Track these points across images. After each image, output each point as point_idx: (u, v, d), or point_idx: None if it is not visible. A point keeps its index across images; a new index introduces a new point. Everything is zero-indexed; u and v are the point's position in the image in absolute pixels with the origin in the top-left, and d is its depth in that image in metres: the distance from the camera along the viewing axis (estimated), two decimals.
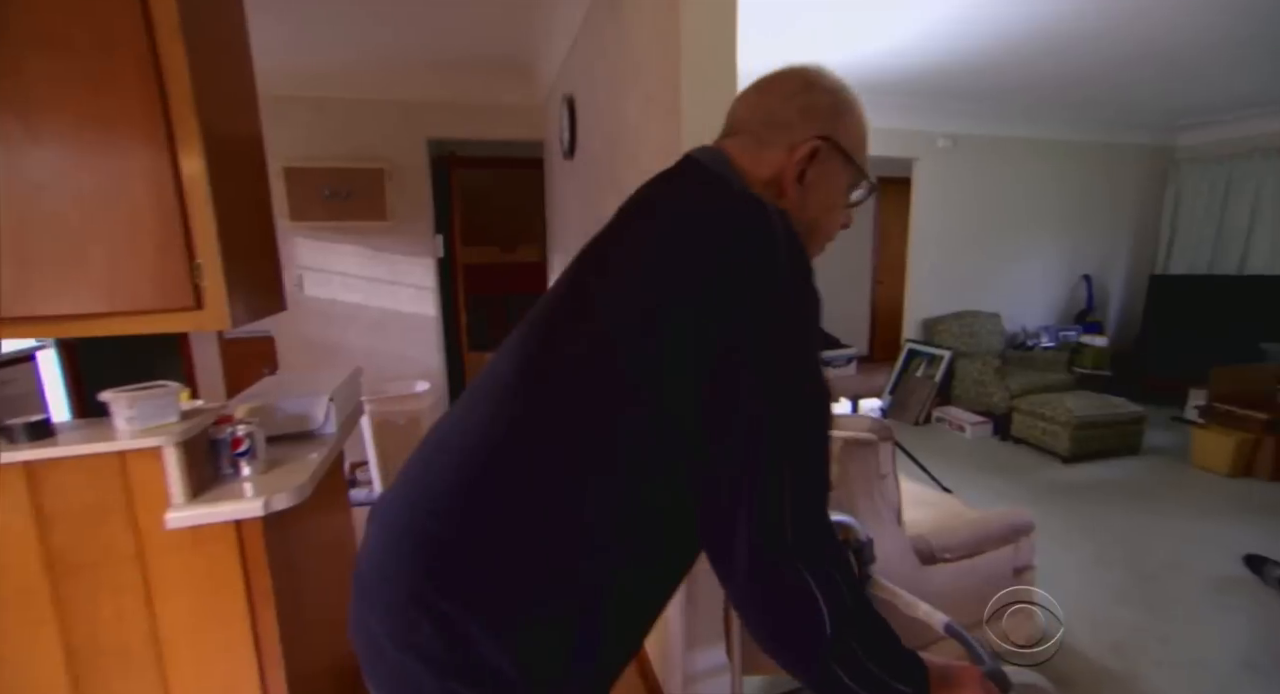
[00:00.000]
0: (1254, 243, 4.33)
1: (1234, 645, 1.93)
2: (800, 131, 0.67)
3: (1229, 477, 3.22)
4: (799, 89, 0.69)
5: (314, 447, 1.38)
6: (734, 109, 0.73)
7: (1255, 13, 2.45)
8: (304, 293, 3.12)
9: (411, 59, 2.81)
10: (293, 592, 1.23)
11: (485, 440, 0.58)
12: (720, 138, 0.73)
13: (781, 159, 0.67)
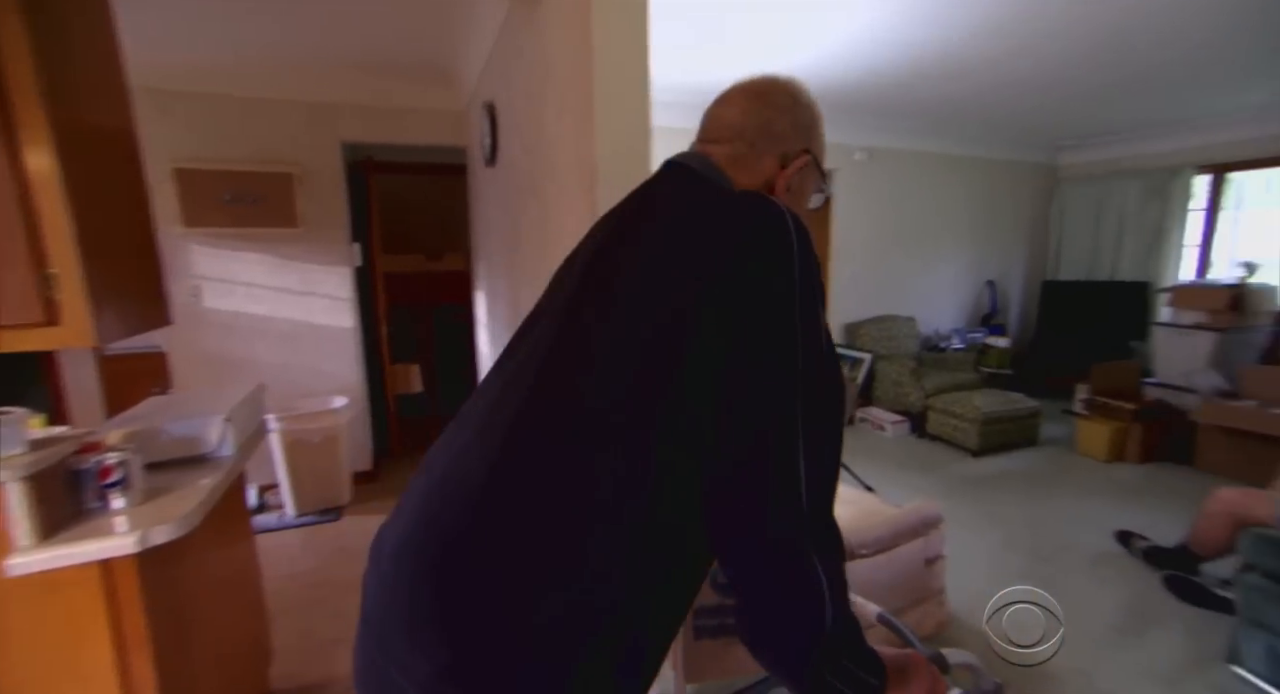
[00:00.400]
0: (1123, 252, 4.84)
1: (1106, 613, 2.14)
2: (791, 143, 0.73)
3: (1106, 462, 3.57)
4: (791, 103, 0.74)
5: (207, 471, 1.27)
6: (721, 114, 0.75)
7: (1115, 53, 2.75)
8: (202, 305, 2.87)
9: (321, 58, 2.66)
10: (177, 635, 1.12)
11: (505, 470, 0.57)
12: (703, 142, 0.76)
13: (772, 168, 0.72)
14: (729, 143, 0.73)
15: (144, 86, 2.50)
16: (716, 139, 0.74)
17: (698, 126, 0.78)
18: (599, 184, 1.45)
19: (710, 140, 0.74)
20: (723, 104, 0.76)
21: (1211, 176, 4.45)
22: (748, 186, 0.71)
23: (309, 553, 2.57)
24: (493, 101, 2.42)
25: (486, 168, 2.66)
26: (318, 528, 2.79)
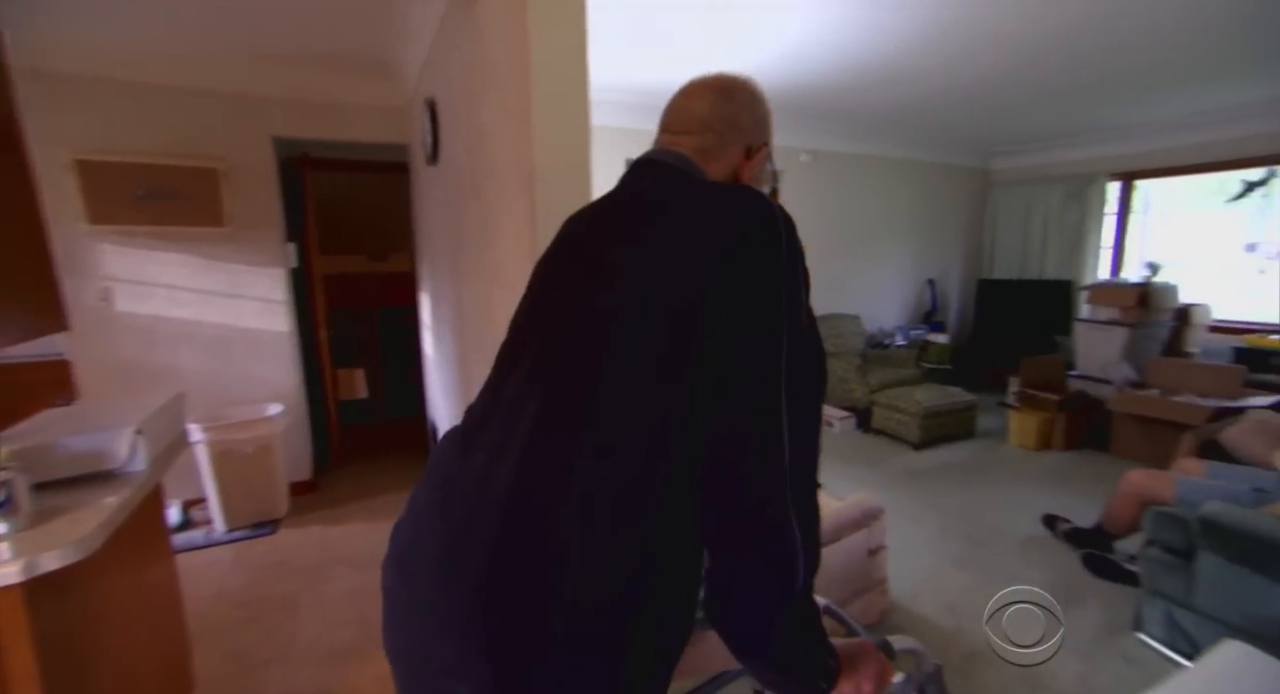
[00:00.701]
0: (1049, 253, 5.15)
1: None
2: (754, 136, 0.80)
3: (1035, 450, 3.79)
4: (750, 99, 0.80)
5: (114, 488, 1.18)
6: (688, 106, 0.79)
7: (1036, 70, 2.92)
8: (114, 308, 2.66)
9: (248, 48, 2.52)
10: (74, 669, 1.03)
11: (531, 474, 0.59)
12: (670, 133, 0.80)
13: (738, 158, 0.79)
14: (698, 134, 0.77)
15: (33, 68, 2.30)
16: (685, 130, 0.78)
17: (639, 127, 0.81)
18: (538, 184, 1.44)
19: (678, 132, 0.79)
20: (688, 97, 0.80)
21: (1121, 183, 4.79)
22: (717, 176, 0.77)
23: (241, 570, 2.44)
24: (434, 98, 2.36)
25: (429, 166, 2.59)
26: (251, 543, 2.65)
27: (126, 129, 2.59)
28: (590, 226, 0.77)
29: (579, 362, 0.63)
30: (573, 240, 0.78)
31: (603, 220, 0.75)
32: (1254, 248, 7.56)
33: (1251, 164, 4.20)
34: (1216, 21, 2.41)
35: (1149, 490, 2.29)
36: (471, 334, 2.15)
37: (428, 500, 0.69)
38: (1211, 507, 1.83)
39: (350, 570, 2.42)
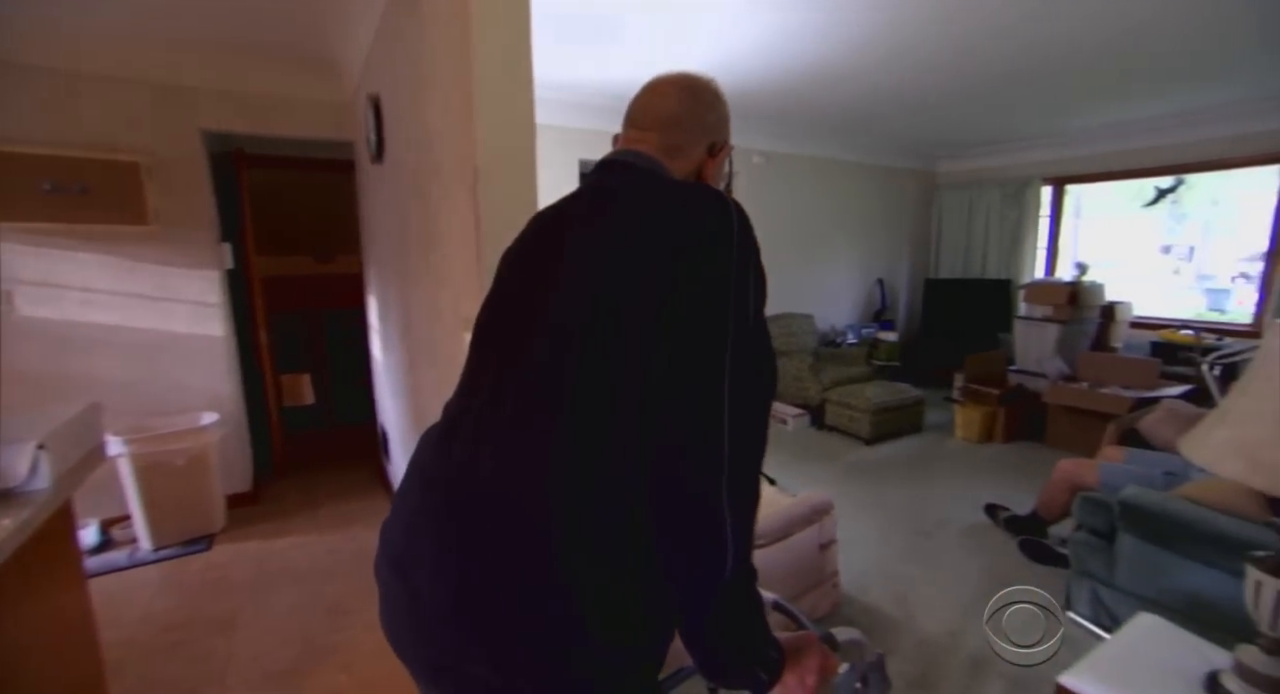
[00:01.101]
0: (990, 253, 5.40)
1: (974, 578, 2.37)
2: (718, 134, 0.83)
3: (979, 443, 3.97)
4: (714, 98, 0.83)
5: (11, 510, 1.09)
6: (656, 103, 0.82)
7: (972, 80, 3.05)
8: (17, 314, 2.44)
9: (172, 33, 2.35)
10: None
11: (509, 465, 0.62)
12: (637, 128, 0.82)
13: (702, 156, 0.82)
14: (665, 130, 0.80)
15: None
16: (652, 126, 0.80)
17: (591, 127, 0.81)
18: (482, 184, 1.41)
19: (645, 127, 0.81)
20: (656, 94, 0.83)
21: (1053, 187, 5.07)
22: (682, 172, 0.80)
23: (170, 591, 2.29)
24: (378, 95, 2.28)
25: (374, 165, 2.50)
26: (182, 561, 2.50)
27: (27, 118, 2.37)
28: (555, 224, 0.78)
29: (547, 358, 0.65)
30: (539, 237, 0.79)
31: (565, 218, 0.77)
32: (1169, 250, 8.15)
33: (1163, 172, 4.52)
34: (1131, 44, 2.58)
35: (1077, 478, 2.42)
36: (419, 337, 2.09)
37: (411, 496, 0.71)
38: (1129, 491, 1.96)
39: (293, 585, 2.32)
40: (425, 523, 0.66)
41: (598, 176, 0.80)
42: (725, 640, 0.62)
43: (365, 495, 3.15)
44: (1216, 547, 1.70)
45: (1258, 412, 1.09)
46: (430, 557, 0.64)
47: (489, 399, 0.68)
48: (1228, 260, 6.85)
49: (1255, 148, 3.89)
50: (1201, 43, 2.65)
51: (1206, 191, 6.89)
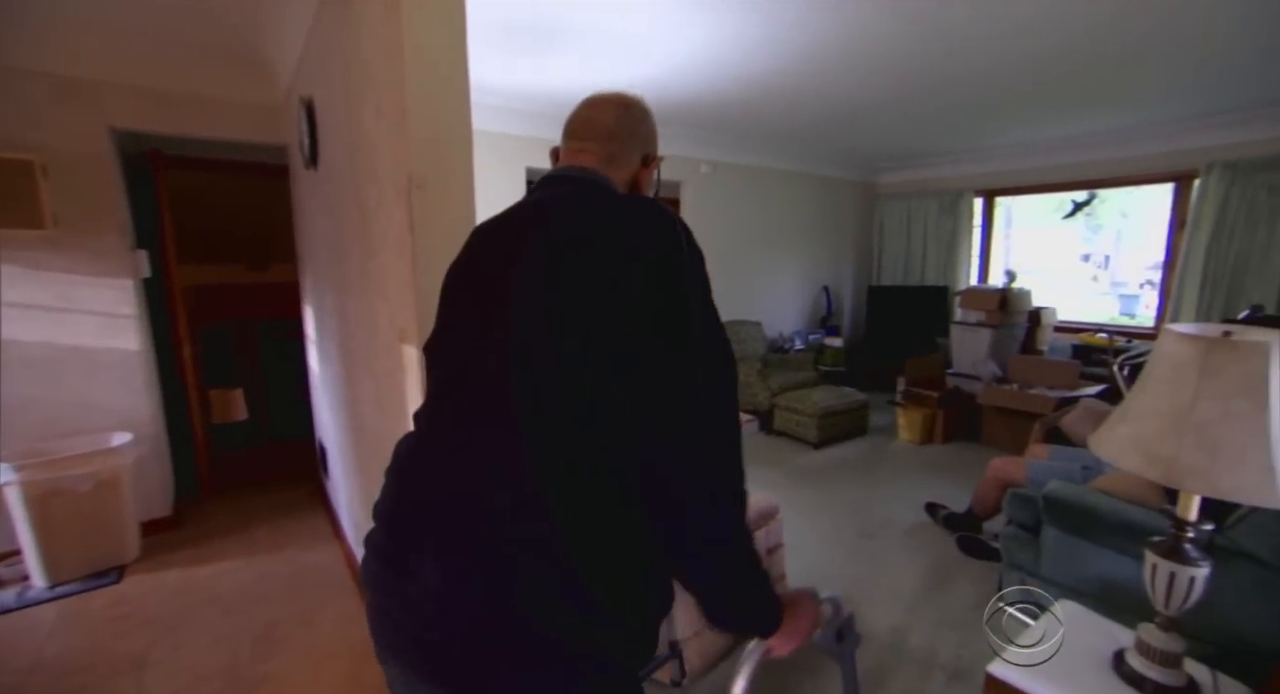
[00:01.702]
0: (928, 261, 5.66)
1: (916, 575, 2.46)
2: (650, 146, 0.91)
3: (919, 444, 4.13)
4: (645, 114, 0.91)
5: None
6: (596, 116, 0.89)
7: (912, 92, 3.21)
8: None
9: (74, 21, 2.18)
10: None
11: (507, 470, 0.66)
12: (578, 139, 0.88)
13: (636, 166, 0.90)
14: (605, 141, 0.87)
15: None
16: (593, 137, 0.87)
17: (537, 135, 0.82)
18: (416, 192, 1.38)
19: (586, 139, 0.88)
20: (594, 109, 0.90)
21: (983, 199, 5.37)
22: (620, 180, 0.87)
23: (69, 631, 2.09)
24: (310, 98, 2.20)
25: (308, 170, 2.41)
26: (85, 597, 2.28)
27: None
28: (504, 235, 0.81)
29: (510, 366, 0.69)
30: (487, 250, 0.82)
31: (516, 228, 0.80)
32: (1088, 258, 8.75)
33: (1079, 187, 4.86)
34: (1046, 68, 2.77)
35: (1007, 475, 2.56)
36: (357, 348, 2.02)
37: (391, 502, 0.76)
38: (1051, 486, 2.07)
39: (218, 615, 2.17)
40: (410, 530, 0.72)
41: (545, 190, 0.84)
42: (735, 599, 0.73)
43: (302, 515, 3.00)
44: (1124, 535, 1.83)
45: (1152, 409, 1.18)
46: (414, 562, 0.69)
47: (457, 409, 0.74)
48: (1137, 268, 7.43)
49: (1154, 167, 4.24)
50: (1105, 71, 2.87)
51: (1117, 205, 7.47)
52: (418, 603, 0.68)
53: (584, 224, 0.73)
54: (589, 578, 0.64)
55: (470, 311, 0.78)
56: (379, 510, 0.78)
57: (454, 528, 0.68)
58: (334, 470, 2.77)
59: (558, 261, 0.71)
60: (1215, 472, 1.05)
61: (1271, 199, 3.68)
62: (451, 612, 0.65)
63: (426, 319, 1.40)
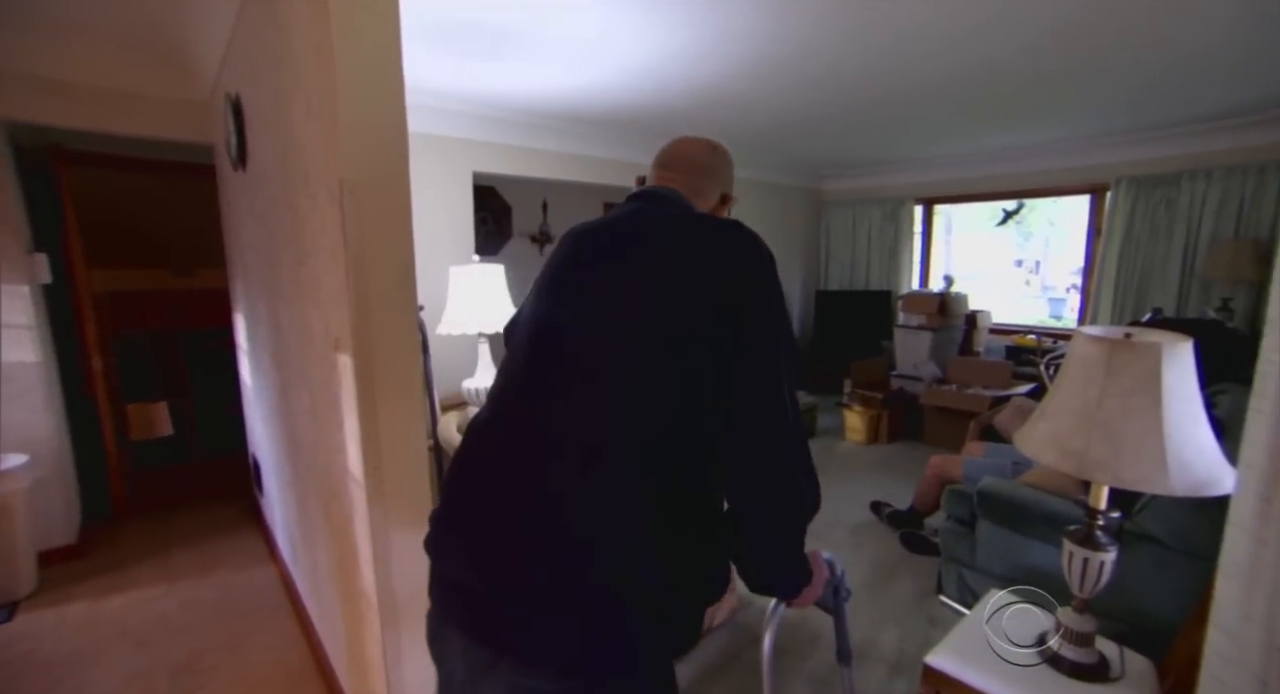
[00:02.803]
0: (872, 266, 5.88)
1: (861, 572, 2.53)
2: (728, 187, 1.05)
3: (866, 444, 4.27)
4: (728, 160, 1.05)
5: None
6: (686, 151, 1.01)
7: (852, 101, 3.33)
8: None
9: None
10: None
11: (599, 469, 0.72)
12: (667, 169, 1.00)
13: (715, 202, 1.02)
14: (691, 174, 0.98)
15: None
16: (683, 169, 0.99)
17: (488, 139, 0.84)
18: (348, 195, 1.33)
19: (675, 169, 0.99)
20: (686, 145, 1.03)
21: (923, 206, 5.63)
22: (701, 210, 0.97)
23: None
24: (238, 95, 2.09)
25: (237, 171, 2.29)
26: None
27: None
28: (606, 239, 0.89)
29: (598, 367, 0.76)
30: (591, 251, 0.89)
31: (620, 236, 0.88)
32: (1020, 263, 9.27)
33: (1010, 196, 5.16)
34: (977, 82, 2.93)
35: (945, 472, 2.67)
36: (292, 358, 1.93)
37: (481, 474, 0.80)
38: (984, 481, 2.18)
39: (131, 650, 2.00)
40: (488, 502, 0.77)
41: (641, 203, 0.93)
42: (786, 569, 0.83)
43: (231, 534, 2.82)
44: (1049, 525, 1.94)
45: (1066, 407, 1.25)
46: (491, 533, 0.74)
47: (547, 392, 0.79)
48: (1063, 273, 7.94)
49: (1074, 179, 4.55)
50: (1032, 90, 3.06)
51: (1045, 214, 7.97)
52: (492, 570, 0.72)
53: (687, 228, 0.84)
54: (665, 555, 0.71)
55: (570, 298, 0.85)
56: (454, 484, 0.83)
57: (537, 501, 0.72)
58: (268, 486, 2.63)
59: (666, 252, 0.80)
60: (1119, 463, 1.12)
61: (1169, 213, 4.01)
62: (526, 579, 0.70)
63: (362, 327, 1.35)
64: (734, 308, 0.75)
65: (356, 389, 1.36)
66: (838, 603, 1.07)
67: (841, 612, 1.11)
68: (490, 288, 2.92)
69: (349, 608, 1.64)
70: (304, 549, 2.08)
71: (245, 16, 1.87)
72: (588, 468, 0.72)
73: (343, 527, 1.58)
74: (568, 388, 0.77)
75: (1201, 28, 2.25)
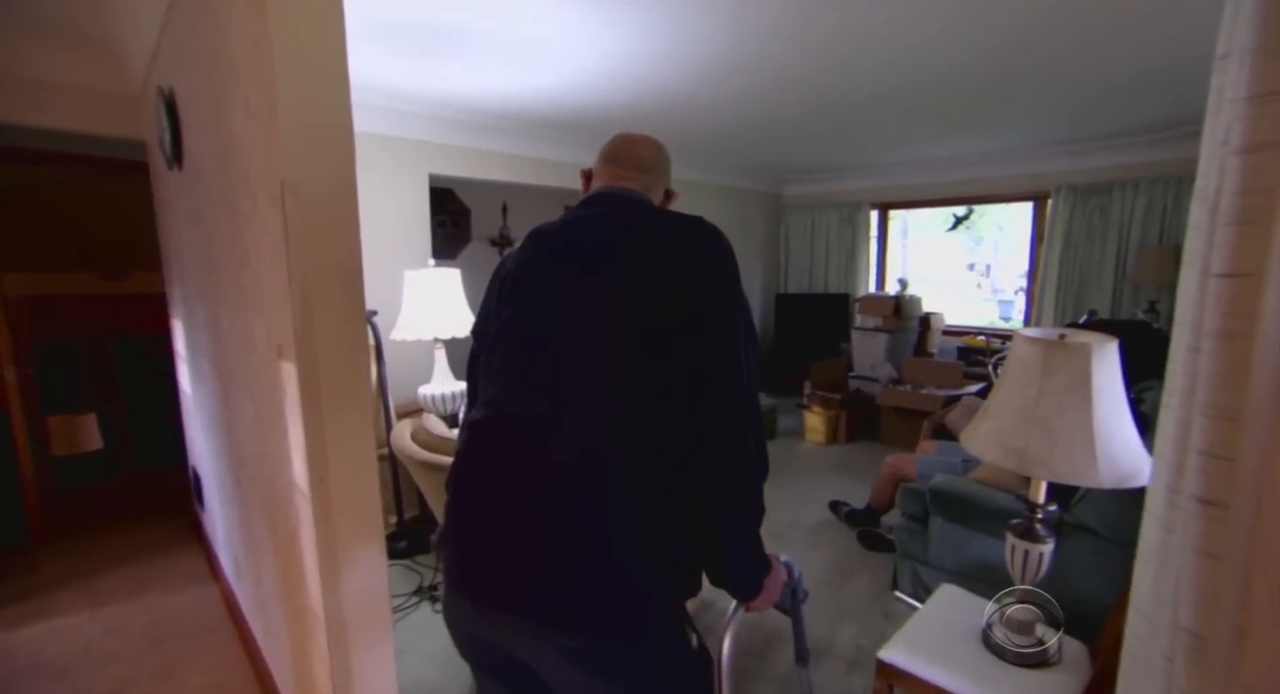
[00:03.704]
0: (830, 269, 6.02)
1: (819, 571, 2.57)
2: (668, 182, 1.13)
3: (825, 445, 4.36)
4: (669, 157, 1.14)
5: None
6: (636, 151, 1.08)
7: (808, 106, 3.41)
8: None
9: None
10: None
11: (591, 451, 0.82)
12: (619, 167, 1.07)
13: (661, 197, 1.11)
14: (644, 173, 1.07)
15: None
16: (635, 168, 1.07)
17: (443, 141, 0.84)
18: (290, 198, 1.27)
19: (629, 168, 1.06)
20: (635, 145, 1.09)
21: (878, 211, 5.80)
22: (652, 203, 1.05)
23: None
24: (171, 89, 1.99)
25: (172, 170, 2.17)
26: None
27: None
28: (574, 239, 0.96)
29: (591, 356, 0.85)
30: (560, 250, 0.96)
31: (587, 235, 0.95)
32: (973, 267, 9.65)
33: (961, 202, 5.37)
34: (926, 94, 3.04)
35: (900, 471, 2.74)
36: (234, 366, 1.84)
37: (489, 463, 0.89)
38: (936, 479, 2.25)
39: (47, 684, 1.85)
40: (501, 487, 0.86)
41: (606, 205, 1.00)
42: (745, 557, 0.91)
43: (168, 553, 2.67)
44: (996, 519, 2.01)
45: (1007, 405, 1.30)
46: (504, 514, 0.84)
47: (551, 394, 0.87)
48: (1011, 277, 8.32)
49: (1019, 187, 4.78)
50: (980, 101, 3.20)
51: (994, 219, 8.34)
52: (508, 544, 0.83)
53: (657, 233, 0.92)
54: (660, 529, 0.82)
55: (553, 303, 0.92)
56: (461, 475, 0.93)
57: (546, 486, 0.82)
58: (210, 500, 2.50)
59: (641, 261, 0.88)
60: (1055, 458, 1.17)
61: (1103, 220, 4.25)
62: (545, 551, 0.80)
63: (306, 333, 1.29)
64: (706, 306, 0.85)
65: (301, 398, 1.30)
66: (795, 605, 1.12)
67: (799, 613, 1.16)
68: (446, 292, 2.86)
69: (295, 625, 1.57)
70: (248, 565, 1.98)
71: (178, 7, 1.78)
72: (586, 460, 0.81)
73: (289, 540, 1.52)
74: (562, 390, 0.86)
75: (1132, 49, 2.40)
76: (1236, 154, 0.52)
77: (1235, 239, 0.51)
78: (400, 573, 2.59)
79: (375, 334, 2.75)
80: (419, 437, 2.49)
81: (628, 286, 0.86)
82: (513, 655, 0.86)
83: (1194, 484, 0.55)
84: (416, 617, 2.28)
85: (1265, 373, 0.41)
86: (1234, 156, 0.52)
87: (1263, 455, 0.41)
